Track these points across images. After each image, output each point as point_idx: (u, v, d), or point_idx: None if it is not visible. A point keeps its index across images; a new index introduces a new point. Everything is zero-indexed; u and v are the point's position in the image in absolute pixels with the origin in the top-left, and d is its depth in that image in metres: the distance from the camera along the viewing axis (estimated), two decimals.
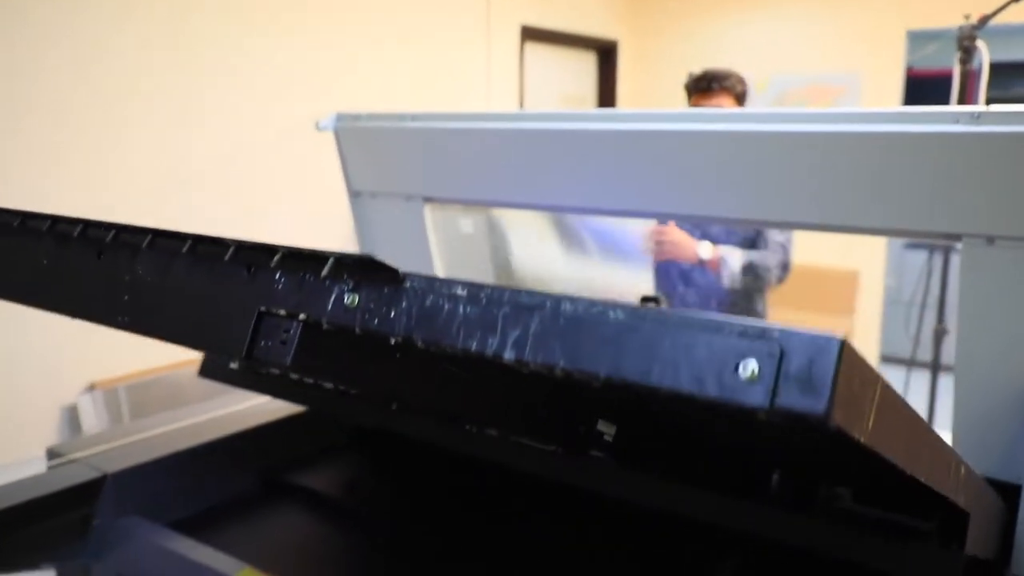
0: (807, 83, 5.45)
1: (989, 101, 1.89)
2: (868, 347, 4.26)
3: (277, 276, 0.74)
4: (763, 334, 0.54)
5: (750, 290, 2.71)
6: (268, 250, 0.75)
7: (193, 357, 3.52)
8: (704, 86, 2.64)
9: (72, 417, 3.11)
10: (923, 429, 0.73)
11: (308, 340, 0.71)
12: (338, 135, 2.11)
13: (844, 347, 0.52)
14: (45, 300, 0.97)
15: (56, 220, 0.91)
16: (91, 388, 3.14)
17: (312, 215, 3.88)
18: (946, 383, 3.51)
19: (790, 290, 2.67)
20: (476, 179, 2.09)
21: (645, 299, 1.86)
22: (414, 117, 2.01)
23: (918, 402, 3.86)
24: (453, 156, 2.12)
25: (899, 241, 5.46)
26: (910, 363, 3.99)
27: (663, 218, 2.56)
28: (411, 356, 0.72)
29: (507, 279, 3.74)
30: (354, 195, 2.32)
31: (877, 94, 5.23)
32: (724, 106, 2.57)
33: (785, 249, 2.65)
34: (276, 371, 1.40)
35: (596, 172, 1.82)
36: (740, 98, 2.66)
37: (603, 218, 2.88)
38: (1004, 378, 1.26)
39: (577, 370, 0.59)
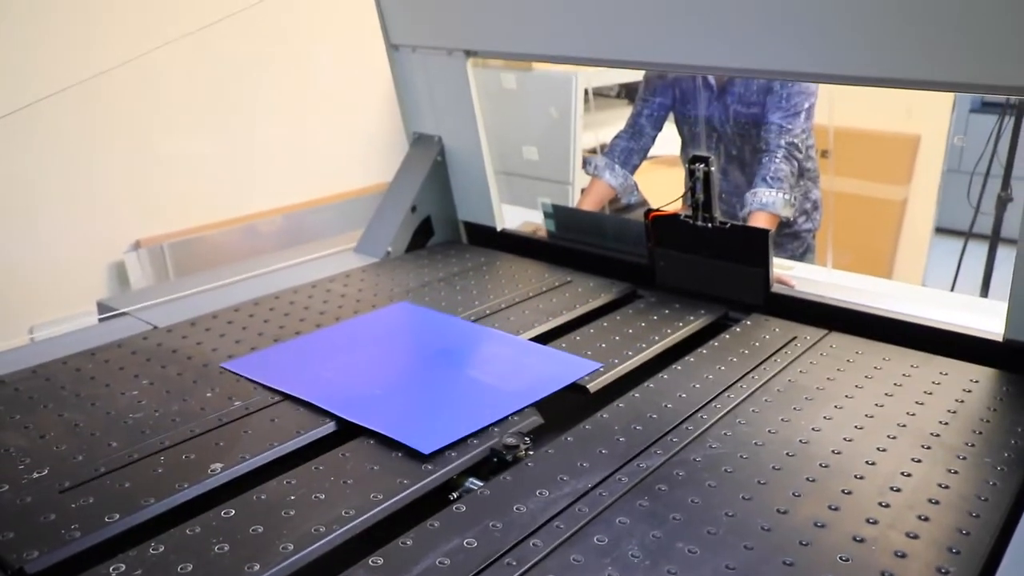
0: None
1: None
2: (923, 217, 4.07)
3: None
4: None
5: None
6: None
7: (233, 217, 3.54)
8: None
9: (120, 273, 3.16)
10: None
11: None
12: None
13: None
14: None
15: None
16: (137, 246, 3.17)
17: (350, 67, 3.69)
18: (1004, 254, 3.37)
19: (843, 157, 2.50)
20: (521, 32, 1.96)
21: (696, 159, 1.80)
22: None
23: (974, 274, 3.74)
24: (497, 7, 1.97)
25: (965, 104, 5.05)
26: (968, 235, 3.83)
27: (711, 72, 2.36)
28: None
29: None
30: (393, 48, 2.21)
31: None
32: None
33: (793, 149, 2.45)
34: None
35: (645, 21, 1.68)
36: None
37: None
38: None
39: None
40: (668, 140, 3.61)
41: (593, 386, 1.47)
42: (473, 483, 1.22)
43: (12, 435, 1.28)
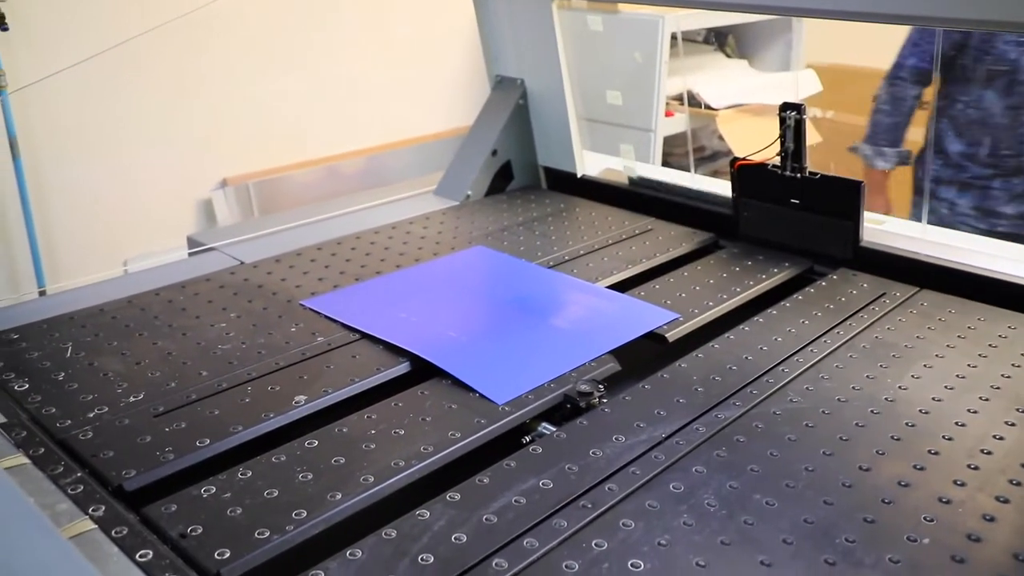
0: None
1: None
2: None
3: None
4: None
5: None
6: None
7: (316, 158, 3.60)
8: None
9: (207, 209, 3.26)
10: None
11: None
12: None
13: None
14: None
15: None
16: (224, 184, 3.25)
17: (433, 8, 3.67)
18: None
19: None
20: None
21: (787, 106, 1.75)
22: None
23: None
24: None
25: None
26: None
27: (816, 15, 2.27)
28: None
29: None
30: None
31: None
32: None
33: None
34: None
35: None
36: None
37: None
38: None
39: None
40: (758, 88, 3.49)
41: (672, 335, 1.46)
42: (546, 428, 1.23)
43: (110, 360, 1.34)
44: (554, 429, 1.20)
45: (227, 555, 0.91)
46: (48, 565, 0.85)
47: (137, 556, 0.90)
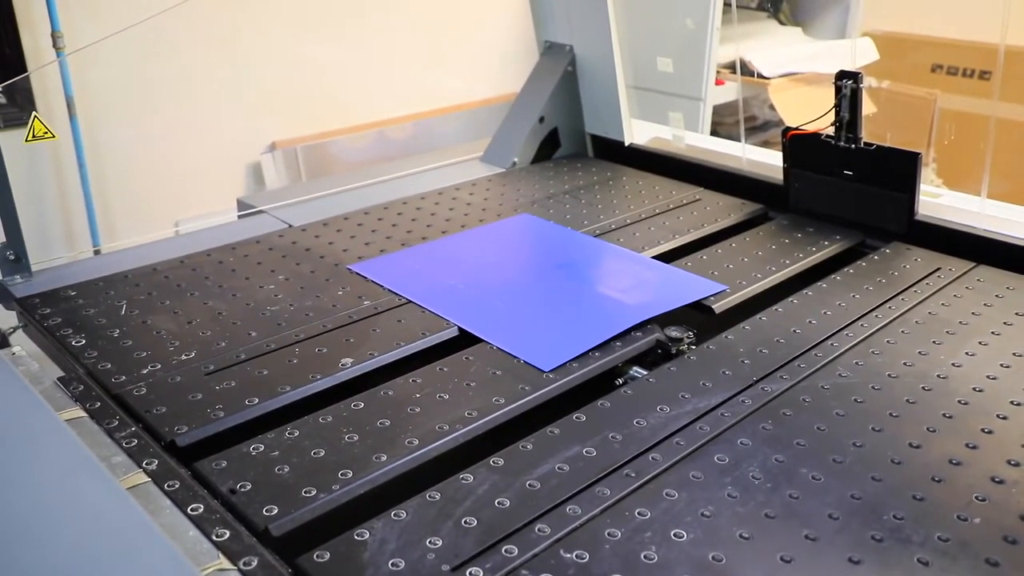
0: None
1: None
2: None
3: None
4: None
5: None
6: None
7: (364, 123, 3.59)
8: None
9: (256, 172, 3.29)
10: None
11: None
12: None
13: None
14: None
15: None
16: (272, 147, 3.28)
17: None
18: None
19: (1013, 79, 2.25)
20: None
21: (843, 74, 1.70)
22: None
23: None
24: None
25: None
26: None
27: None
28: None
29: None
30: None
31: None
32: None
33: None
34: None
35: None
36: None
37: None
38: None
39: None
40: (812, 56, 3.41)
41: (719, 307, 1.44)
42: (637, 371, 1.27)
43: (163, 319, 1.37)
44: (645, 372, 1.24)
45: (275, 512, 0.93)
46: (106, 514, 0.88)
47: (189, 509, 0.92)
